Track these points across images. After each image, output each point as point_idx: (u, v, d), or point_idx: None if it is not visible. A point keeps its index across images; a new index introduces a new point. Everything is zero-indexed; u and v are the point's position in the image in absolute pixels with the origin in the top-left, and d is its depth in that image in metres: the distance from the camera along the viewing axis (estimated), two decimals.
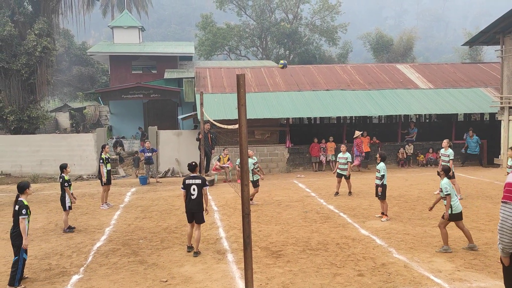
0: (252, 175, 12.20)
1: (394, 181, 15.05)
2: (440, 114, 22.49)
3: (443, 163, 12.95)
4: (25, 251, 7.14)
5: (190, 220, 8.57)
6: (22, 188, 7.32)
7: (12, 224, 7.18)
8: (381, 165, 10.57)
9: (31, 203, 13.80)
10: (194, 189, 8.41)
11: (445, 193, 8.16)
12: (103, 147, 13.51)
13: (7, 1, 22.62)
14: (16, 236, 7.08)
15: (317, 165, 19.69)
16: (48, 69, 23.64)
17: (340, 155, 13.70)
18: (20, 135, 21.58)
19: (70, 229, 10.33)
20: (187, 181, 8.53)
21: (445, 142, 13.10)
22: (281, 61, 12.11)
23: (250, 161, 11.86)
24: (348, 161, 13.41)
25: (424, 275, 7.09)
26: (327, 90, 21.07)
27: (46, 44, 22.05)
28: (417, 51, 52.04)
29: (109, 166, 13.13)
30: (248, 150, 6.99)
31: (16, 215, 7.08)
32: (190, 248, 8.65)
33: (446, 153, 12.86)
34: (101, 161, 12.97)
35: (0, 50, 21.55)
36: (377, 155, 10.89)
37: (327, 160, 19.61)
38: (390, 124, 26.16)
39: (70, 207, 10.42)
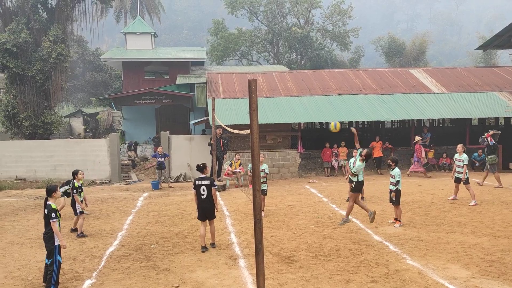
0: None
1: (407, 186, 14.88)
2: (454, 119, 22.24)
3: (457, 169, 12.81)
4: (60, 253, 7.16)
5: (203, 218, 8.96)
6: (50, 191, 7.37)
7: (44, 227, 7.23)
8: (396, 171, 10.45)
9: None
10: (203, 190, 8.85)
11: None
12: (75, 173, 10.91)
13: (22, 9, 23.04)
14: (48, 239, 7.13)
15: (329, 170, 19.59)
16: (62, 75, 23.97)
17: (351, 160, 13.57)
18: (34, 141, 21.88)
19: (83, 234, 10.39)
20: (197, 182, 8.93)
21: (459, 147, 12.92)
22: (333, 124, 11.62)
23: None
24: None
25: (438, 282, 6.98)
26: (339, 94, 20.99)
27: (60, 50, 22.38)
28: (430, 55, 51.67)
29: (83, 195, 10.98)
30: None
31: (47, 218, 7.14)
32: (204, 248, 8.84)
33: (461, 158, 12.69)
34: (74, 191, 10.54)
35: (16, 56, 21.91)
36: (389, 161, 10.77)
37: (339, 165, 19.50)
38: (403, 129, 25.96)
39: (81, 212, 10.49)
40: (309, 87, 21.74)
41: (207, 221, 9.03)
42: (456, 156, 12.95)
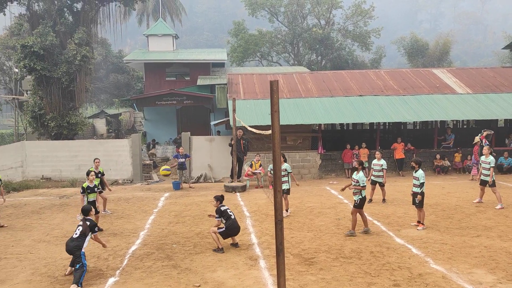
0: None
1: (430, 189, 14.62)
2: (479, 120, 21.75)
3: (483, 171, 12.52)
4: (85, 258, 7.73)
5: (228, 237, 9.26)
6: (87, 211, 8.37)
7: (76, 239, 7.82)
8: (420, 173, 10.28)
9: (69, 206, 14.29)
10: (230, 211, 9.27)
11: (362, 185, 9.85)
12: (88, 174, 11.44)
13: (49, 12, 23.62)
14: (76, 249, 7.67)
15: (350, 171, 19.41)
16: (86, 77, 24.45)
17: (374, 161, 13.46)
18: (60, 141, 22.37)
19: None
20: (222, 208, 9.25)
21: (485, 149, 12.64)
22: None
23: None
24: (383, 168, 13.15)
25: (463, 287, 6.84)
26: (360, 95, 20.79)
27: (85, 53, 22.83)
28: (454, 55, 50.69)
29: (92, 197, 11.13)
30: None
31: (91, 230, 8.06)
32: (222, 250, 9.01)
33: (487, 160, 12.41)
34: (81, 190, 10.98)
35: (43, 59, 22.44)
36: (413, 163, 10.61)
37: None
38: (426, 130, 25.53)
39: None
40: (329, 88, 21.61)
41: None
42: (483, 158, 12.68)
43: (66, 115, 23.34)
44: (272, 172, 15.28)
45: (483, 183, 12.56)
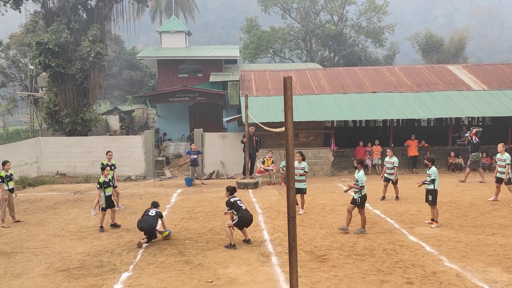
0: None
1: (444, 187, 14.45)
2: (494, 117, 21.41)
3: (499, 169, 12.33)
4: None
5: (242, 227, 9.27)
6: (157, 205, 10.26)
7: (148, 221, 9.48)
8: (433, 169, 10.17)
9: (83, 201, 14.48)
10: (240, 202, 9.33)
11: (360, 184, 9.69)
12: (103, 169, 11.60)
13: (63, 10, 23.87)
14: (153, 228, 9.52)
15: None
16: (100, 74, 24.69)
17: (386, 159, 13.35)
18: (74, 137, 22.64)
19: (101, 228, 10.73)
20: (232, 200, 9.36)
21: (500, 146, 12.44)
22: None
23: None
24: (395, 166, 13.04)
25: (478, 286, 6.76)
26: (374, 92, 20.62)
27: (99, 49, 23.04)
28: (469, 51, 49.91)
29: (109, 191, 11.09)
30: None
31: (159, 216, 9.80)
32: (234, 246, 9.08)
33: (503, 157, 12.22)
34: (98, 185, 10.97)
35: (57, 56, 22.69)
36: (425, 160, 10.48)
37: (373, 163, 19.17)
38: (440, 127, 25.23)
39: (103, 208, 10.81)
40: (342, 84, 21.47)
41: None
42: (498, 155, 12.49)
43: (80, 112, 23.60)
44: (284, 169, 15.26)
45: (499, 180, 12.37)
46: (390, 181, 13.17)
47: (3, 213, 11.54)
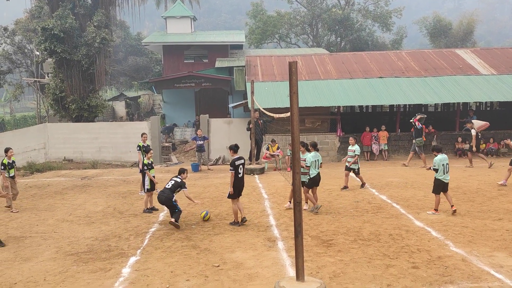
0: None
1: (451, 172, 14.24)
2: (503, 102, 21.17)
3: None
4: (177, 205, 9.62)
5: (237, 196, 9.47)
6: (181, 171, 10.15)
7: (165, 193, 9.59)
8: (435, 159, 10.07)
9: (91, 187, 14.60)
10: (241, 168, 9.41)
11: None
12: (146, 151, 11.91)
13: None
14: (171, 200, 9.50)
15: (369, 154, 19.24)
16: (106, 60, 24.65)
17: (349, 147, 13.15)
18: (80, 123, 22.74)
19: (149, 210, 10.95)
20: (236, 162, 9.35)
21: None
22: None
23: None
24: (356, 154, 12.81)
25: (484, 270, 6.77)
26: (380, 77, 20.43)
27: (104, 35, 22.96)
28: (478, 35, 49.17)
29: (153, 172, 11.38)
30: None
31: (176, 187, 9.68)
32: (243, 220, 9.49)
33: None
34: (145, 168, 11.27)
35: (63, 42, 22.65)
36: (433, 150, 10.38)
37: (380, 149, 19.11)
38: (447, 113, 25.01)
39: (148, 189, 11.06)
40: (349, 70, 21.28)
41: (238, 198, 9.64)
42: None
43: (86, 98, 23.64)
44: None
45: None
46: (352, 171, 12.96)
47: (9, 199, 11.62)
